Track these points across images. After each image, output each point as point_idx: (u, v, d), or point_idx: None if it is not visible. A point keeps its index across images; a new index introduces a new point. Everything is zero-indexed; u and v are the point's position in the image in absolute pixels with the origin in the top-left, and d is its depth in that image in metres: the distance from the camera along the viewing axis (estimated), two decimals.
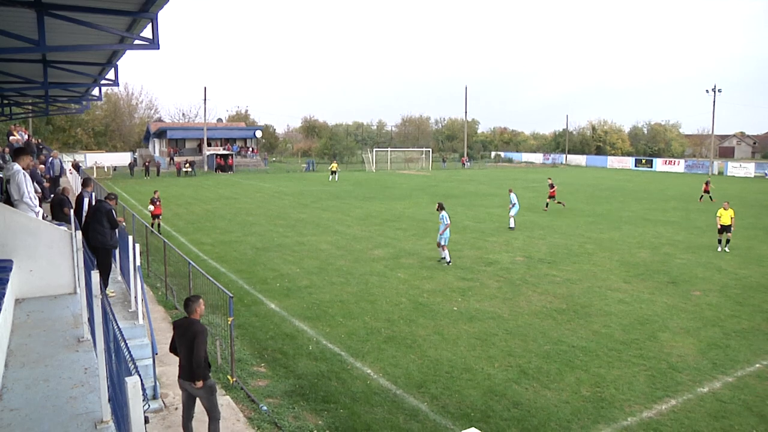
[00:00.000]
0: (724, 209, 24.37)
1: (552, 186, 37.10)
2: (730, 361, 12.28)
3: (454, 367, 11.75)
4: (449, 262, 20.54)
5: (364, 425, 9.46)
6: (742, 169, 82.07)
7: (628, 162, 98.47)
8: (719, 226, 24.32)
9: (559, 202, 37.05)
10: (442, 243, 20.56)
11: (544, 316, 15.02)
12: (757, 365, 12.13)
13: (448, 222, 20.55)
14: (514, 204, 28.77)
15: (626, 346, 13.05)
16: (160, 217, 27.32)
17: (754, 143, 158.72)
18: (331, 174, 61.41)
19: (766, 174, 77.13)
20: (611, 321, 14.72)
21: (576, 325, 14.36)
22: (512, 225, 28.75)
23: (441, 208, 20.86)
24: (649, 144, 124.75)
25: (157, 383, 10.08)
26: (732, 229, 24.29)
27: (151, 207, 26.73)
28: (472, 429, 6.29)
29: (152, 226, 25.62)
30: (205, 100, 79.92)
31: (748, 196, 49.16)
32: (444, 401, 10.32)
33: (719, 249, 24.06)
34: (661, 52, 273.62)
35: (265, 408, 9.96)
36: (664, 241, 25.72)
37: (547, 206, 36.65)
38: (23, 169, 10.87)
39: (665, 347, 13.01)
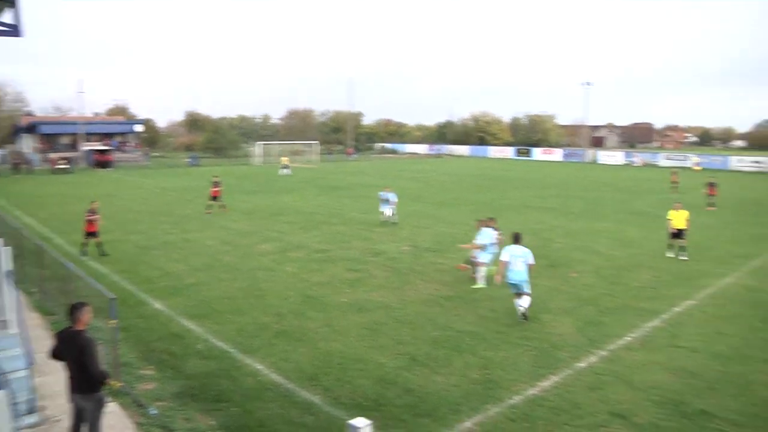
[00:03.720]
0: (676, 210, 21.27)
1: (216, 185, 31.69)
2: (604, 337, 13.02)
3: (346, 358, 11.80)
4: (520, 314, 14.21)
5: (258, 422, 9.34)
6: (612, 157, 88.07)
7: (509, 152, 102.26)
8: (672, 231, 21.17)
9: (221, 206, 31.53)
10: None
11: (431, 304, 15.34)
12: (627, 338, 12.96)
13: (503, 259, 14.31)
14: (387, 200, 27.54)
15: (511, 328, 13.54)
16: (97, 236, 21.34)
17: (621, 133, 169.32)
18: (283, 168, 60.16)
19: (632, 162, 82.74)
20: (496, 305, 15.22)
21: (463, 311, 14.76)
22: (383, 219, 27.74)
23: (513, 240, 14.56)
24: (529, 134, 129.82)
25: (35, 395, 9.51)
26: (686, 233, 21.11)
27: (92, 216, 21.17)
28: (359, 418, 6.33)
29: (84, 247, 21.08)
30: (80, 92, 76.15)
31: (618, 183, 52.23)
32: (336, 393, 10.35)
33: (669, 254, 21.07)
34: (538, 48, 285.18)
35: (154, 412, 9.63)
36: (544, 227, 26.86)
37: (209, 208, 31.36)
38: None
39: (546, 327, 13.61)
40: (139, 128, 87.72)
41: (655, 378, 10.93)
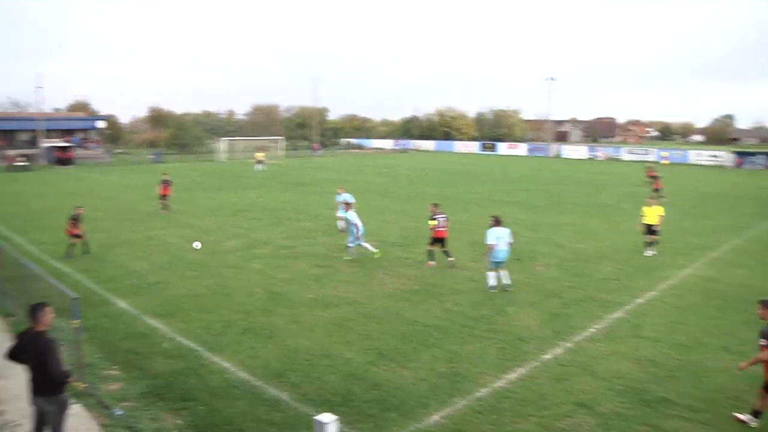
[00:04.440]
0: (649, 206, 20.84)
1: (167, 183, 30.80)
2: (569, 328, 13.22)
3: (313, 354, 11.78)
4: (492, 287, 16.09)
5: (225, 420, 9.29)
6: (576, 151, 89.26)
7: (474, 146, 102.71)
8: (644, 227, 20.83)
9: (166, 205, 30.53)
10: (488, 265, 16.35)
11: (398, 298, 15.39)
12: (591, 330, 13.18)
13: (490, 242, 15.90)
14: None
15: (477, 321, 13.66)
16: (81, 238, 20.64)
17: (585, 128, 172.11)
18: (258, 163, 59.64)
19: (595, 156, 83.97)
20: (462, 299, 15.34)
21: (429, 305, 14.84)
22: (341, 227, 23.97)
23: (495, 222, 16.16)
24: (494, 129, 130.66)
25: None
26: (659, 229, 20.74)
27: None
28: (326, 414, 6.34)
29: (70, 248, 20.31)
30: (39, 87, 74.25)
31: (582, 176, 52.90)
32: (304, 389, 10.32)
33: (648, 253, 20.47)
34: (503, 43, 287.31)
35: (119, 412, 9.49)
36: (509, 221, 26.86)
37: (163, 207, 30.43)
38: None
39: (513, 320, 13.76)
40: (101, 124, 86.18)
41: (618, 368, 11.14)
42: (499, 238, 15.88)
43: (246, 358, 11.62)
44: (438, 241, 18.74)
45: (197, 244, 20.13)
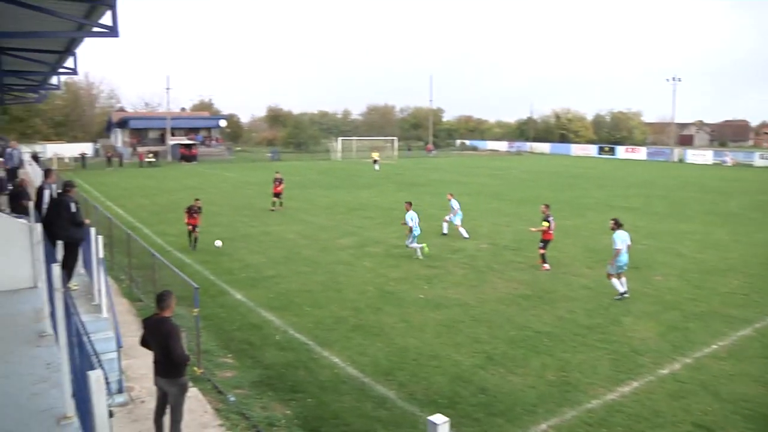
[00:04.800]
0: None
1: (280, 181, 31.02)
2: (688, 343, 12.56)
3: (421, 355, 11.82)
4: (623, 294, 15.58)
5: (333, 414, 9.48)
6: (701, 156, 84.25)
7: (592, 150, 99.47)
8: None
9: (280, 203, 31.10)
10: (612, 271, 15.73)
11: (509, 303, 15.18)
12: (714, 346, 12.44)
13: (619, 247, 15.60)
14: (457, 211, 24.18)
15: (590, 330, 13.25)
16: (197, 229, 21.54)
17: (712, 131, 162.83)
18: (374, 163, 61.43)
19: (723, 161, 79.06)
20: (575, 306, 14.93)
21: (541, 311, 14.54)
22: (465, 235, 23.65)
23: (617, 225, 16.14)
24: (612, 132, 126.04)
25: (123, 377, 9.96)
26: None
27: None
28: (438, 415, 6.33)
29: (189, 239, 21.61)
30: (168, 88, 78.66)
31: (707, 182, 50.14)
32: (411, 388, 10.38)
33: None
34: (622, 42, 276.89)
35: (232, 399, 9.92)
36: (627, 227, 25.69)
37: (273, 205, 31.02)
38: None
39: (628, 331, 13.24)
40: (222, 123, 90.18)
41: (745, 390, 10.43)
42: (624, 242, 15.74)
43: (355, 355, 11.81)
44: (547, 242, 18.59)
45: (218, 243, 20.67)
